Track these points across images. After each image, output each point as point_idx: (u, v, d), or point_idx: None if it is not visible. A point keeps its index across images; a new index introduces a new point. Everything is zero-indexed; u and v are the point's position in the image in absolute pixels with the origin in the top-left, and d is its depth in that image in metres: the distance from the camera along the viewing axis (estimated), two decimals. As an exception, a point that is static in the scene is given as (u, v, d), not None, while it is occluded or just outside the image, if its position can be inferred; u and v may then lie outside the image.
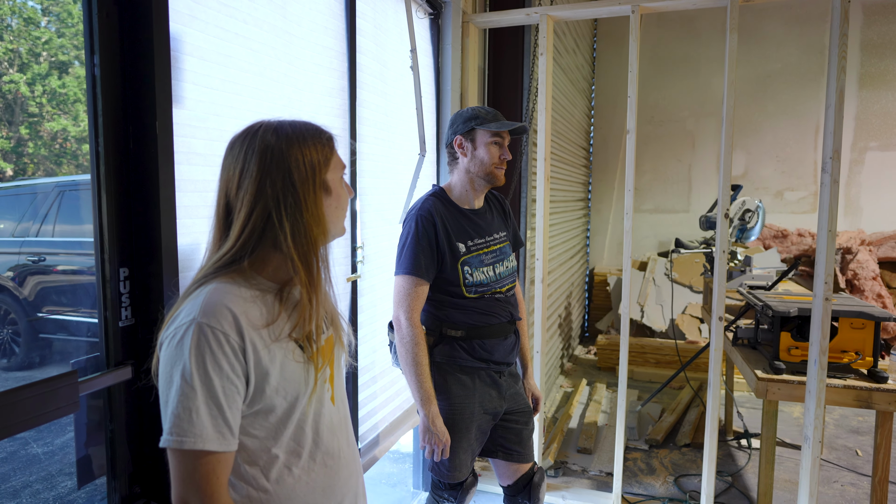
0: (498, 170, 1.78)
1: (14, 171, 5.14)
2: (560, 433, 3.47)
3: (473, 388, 1.79)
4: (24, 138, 4.87)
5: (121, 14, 1.15)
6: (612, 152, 6.22)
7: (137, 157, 1.19)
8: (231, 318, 0.89)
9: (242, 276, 0.95)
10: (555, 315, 4.39)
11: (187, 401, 0.86)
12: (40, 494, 2.96)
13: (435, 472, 1.82)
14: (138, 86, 1.18)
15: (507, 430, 1.91)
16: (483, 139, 1.76)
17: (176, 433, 0.86)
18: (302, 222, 0.94)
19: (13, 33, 4.41)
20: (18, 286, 4.41)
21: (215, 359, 0.87)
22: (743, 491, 2.91)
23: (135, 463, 1.26)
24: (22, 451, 3.40)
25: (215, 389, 0.88)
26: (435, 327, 1.78)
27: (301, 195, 0.94)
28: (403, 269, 1.71)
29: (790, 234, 5.61)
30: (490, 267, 1.80)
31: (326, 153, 1.00)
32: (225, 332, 0.88)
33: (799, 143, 5.66)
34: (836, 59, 2.13)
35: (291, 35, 1.68)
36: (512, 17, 2.70)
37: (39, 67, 4.73)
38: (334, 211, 1.01)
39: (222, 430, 0.89)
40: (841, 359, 2.48)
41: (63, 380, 1.08)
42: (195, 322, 0.88)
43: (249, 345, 0.90)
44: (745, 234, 4.06)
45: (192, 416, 0.86)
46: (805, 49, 5.57)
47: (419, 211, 1.74)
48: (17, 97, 4.59)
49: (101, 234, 1.17)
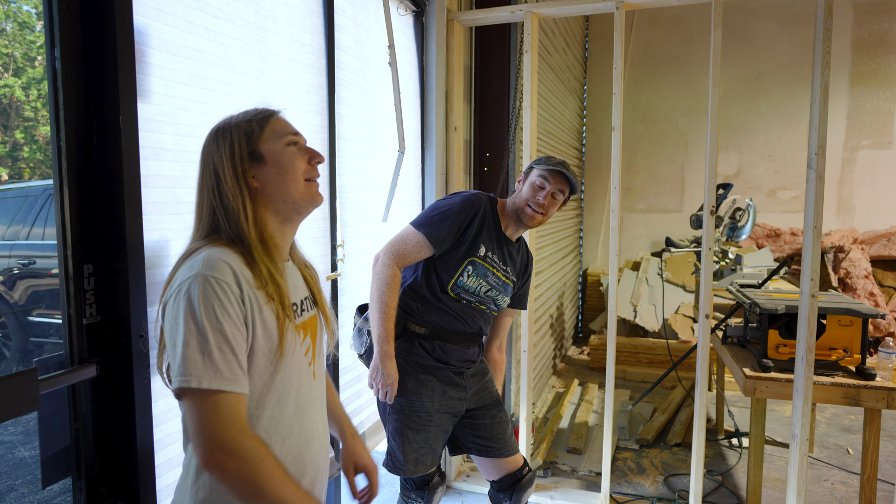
0: (529, 208, 1.78)
1: (9, 175, 5.13)
2: (550, 433, 3.44)
3: (431, 387, 1.77)
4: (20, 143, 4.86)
5: (82, 6, 1.14)
6: (605, 152, 6.21)
7: (101, 151, 1.17)
8: (230, 271, 0.94)
9: (233, 247, 0.99)
10: (546, 315, 4.37)
11: (200, 346, 0.89)
12: (25, 498, 2.94)
13: (388, 467, 1.82)
14: (101, 79, 1.16)
15: (474, 426, 1.89)
16: (532, 178, 1.80)
17: (193, 374, 0.88)
18: (239, 205, 0.99)
19: (8, 37, 4.40)
20: (8, 290, 4.39)
21: (223, 305, 0.91)
22: (733, 490, 2.89)
23: (101, 463, 1.24)
24: (9, 454, 3.37)
25: (227, 334, 0.91)
26: (400, 320, 1.76)
27: (228, 180, 0.99)
28: (420, 224, 1.72)
29: (783, 234, 5.60)
30: (488, 287, 1.80)
31: (254, 126, 1.03)
32: (227, 283, 0.93)
33: (791, 142, 5.65)
34: (821, 55, 2.12)
35: (266, 31, 1.66)
36: (496, 15, 2.69)
37: (34, 71, 4.71)
38: (275, 179, 1.02)
39: (237, 373, 0.92)
40: (829, 356, 2.47)
41: (23, 378, 1.06)
42: (199, 275, 0.92)
43: (247, 297, 0.95)
44: (737, 233, 4.04)
45: (206, 360, 0.89)
46: (797, 48, 5.57)
47: (470, 196, 1.77)
48: (12, 101, 4.58)
49: (63, 230, 1.15)
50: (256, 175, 1.02)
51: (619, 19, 2.43)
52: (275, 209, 1.04)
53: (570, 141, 5.47)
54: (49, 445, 1.20)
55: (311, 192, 1.06)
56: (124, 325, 1.21)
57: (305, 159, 1.06)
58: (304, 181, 1.05)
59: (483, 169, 3.16)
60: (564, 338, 5.29)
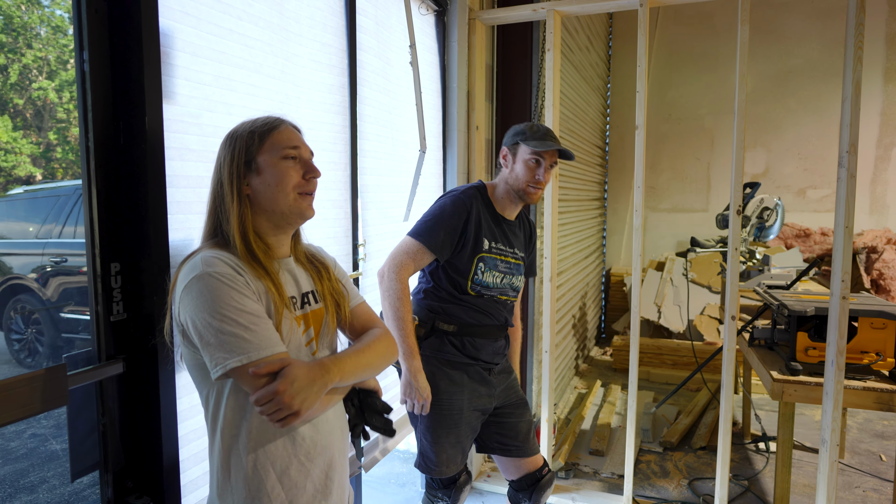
0: (531, 188, 1.76)
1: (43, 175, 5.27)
2: (572, 434, 3.42)
3: (462, 384, 1.77)
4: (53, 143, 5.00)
5: (110, 10, 1.16)
6: (629, 151, 6.13)
7: (128, 152, 1.20)
8: (228, 265, 1.01)
9: (227, 249, 1.06)
10: (568, 315, 4.33)
11: (235, 327, 0.96)
12: (56, 490, 3.02)
13: (421, 467, 1.81)
14: (128, 81, 1.18)
15: (500, 425, 1.89)
16: (523, 155, 1.75)
17: (242, 353, 0.95)
18: (230, 208, 1.06)
19: (42, 41, 4.53)
20: (42, 287, 4.52)
21: (238, 289, 0.99)
22: (759, 495, 2.83)
23: (127, 457, 1.26)
24: (41, 447, 3.47)
25: (252, 310, 0.98)
26: (427, 319, 1.76)
27: (225, 185, 1.07)
28: (416, 233, 1.71)
29: (813, 234, 5.46)
30: (502, 275, 1.80)
31: (255, 137, 1.08)
32: (230, 274, 0.99)
33: (822, 140, 5.51)
34: (853, 51, 2.07)
35: (289, 32, 1.67)
36: (518, 14, 2.68)
37: (67, 74, 4.85)
38: (266, 189, 1.08)
39: (275, 338, 1.00)
40: (861, 360, 2.40)
41: (52, 373, 1.09)
42: (203, 274, 0.98)
43: (250, 283, 1.02)
44: (764, 233, 3.96)
45: (252, 335, 0.97)
46: (827, 44, 5.43)
47: (459, 195, 1.75)
48: (46, 104, 4.71)
49: (91, 229, 1.17)
50: (251, 183, 1.08)
51: (644, 16, 2.40)
52: (266, 216, 1.10)
53: (593, 139, 5.41)
54: (78, 439, 1.23)
55: (301, 207, 1.10)
56: (150, 322, 1.23)
57: (300, 173, 1.10)
58: (297, 194, 1.09)
59: (505, 168, 3.14)
60: (587, 338, 5.24)
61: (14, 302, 4.59)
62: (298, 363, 0.99)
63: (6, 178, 4.97)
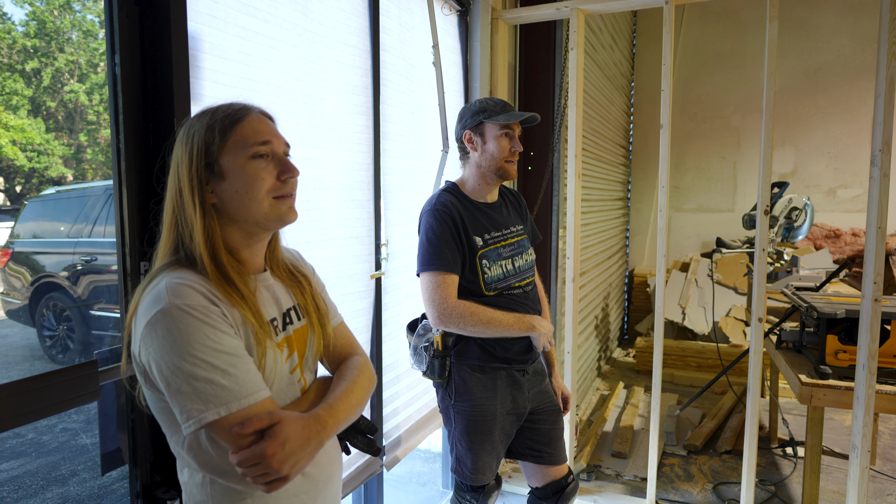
0: (509, 163, 1.73)
1: (74, 176, 5.42)
2: (594, 436, 3.39)
3: (495, 390, 1.73)
4: (84, 145, 5.13)
5: (141, 14, 1.19)
6: (653, 150, 6.06)
7: (157, 153, 1.22)
8: (200, 294, 0.86)
9: (193, 269, 0.91)
10: (590, 316, 4.30)
11: (211, 372, 0.82)
12: (86, 483, 3.09)
13: (458, 473, 1.80)
14: (158, 84, 1.21)
15: (534, 430, 1.85)
16: (492, 132, 1.71)
17: (219, 403, 0.82)
18: (193, 221, 0.90)
19: (74, 45, 4.63)
20: (73, 285, 4.64)
21: (213, 324, 0.84)
22: (787, 501, 2.78)
23: (155, 452, 1.29)
24: (72, 441, 3.56)
25: (230, 349, 0.85)
26: None
27: (185, 193, 0.90)
28: (426, 265, 1.65)
29: (843, 234, 5.34)
30: (508, 260, 1.75)
31: (215, 135, 0.91)
32: (203, 306, 0.85)
33: (853, 139, 5.38)
34: (887, 46, 2.01)
35: (313, 33, 1.69)
36: (541, 13, 2.66)
37: (97, 77, 4.96)
38: (234, 197, 0.91)
39: (257, 382, 0.87)
40: (893, 364, 2.34)
41: (84, 369, 1.12)
42: (169, 307, 0.82)
43: (226, 312, 0.88)
44: (793, 234, 3.89)
45: (231, 380, 0.83)
46: (859, 40, 5.29)
47: (434, 206, 1.69)
48: (77, 106, 4.83)
49: (122, 228, 1.20)
50: (215, 190, 0.92)
51: (669, 14, 2.37)
52: (237, 226, 0.95)
53: (617, 139, 5.36)
54: (108, 434, 1.26)
55: (279, 212, 0.94)
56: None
57: (274, 174, 0.93)
58: (272, 199, 0.93)
59: (527, 168, 3.13)
60: (609, 339, 5.19)
61: (47, 299, 4.72)
62: (290, 419, 0.85)
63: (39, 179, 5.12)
